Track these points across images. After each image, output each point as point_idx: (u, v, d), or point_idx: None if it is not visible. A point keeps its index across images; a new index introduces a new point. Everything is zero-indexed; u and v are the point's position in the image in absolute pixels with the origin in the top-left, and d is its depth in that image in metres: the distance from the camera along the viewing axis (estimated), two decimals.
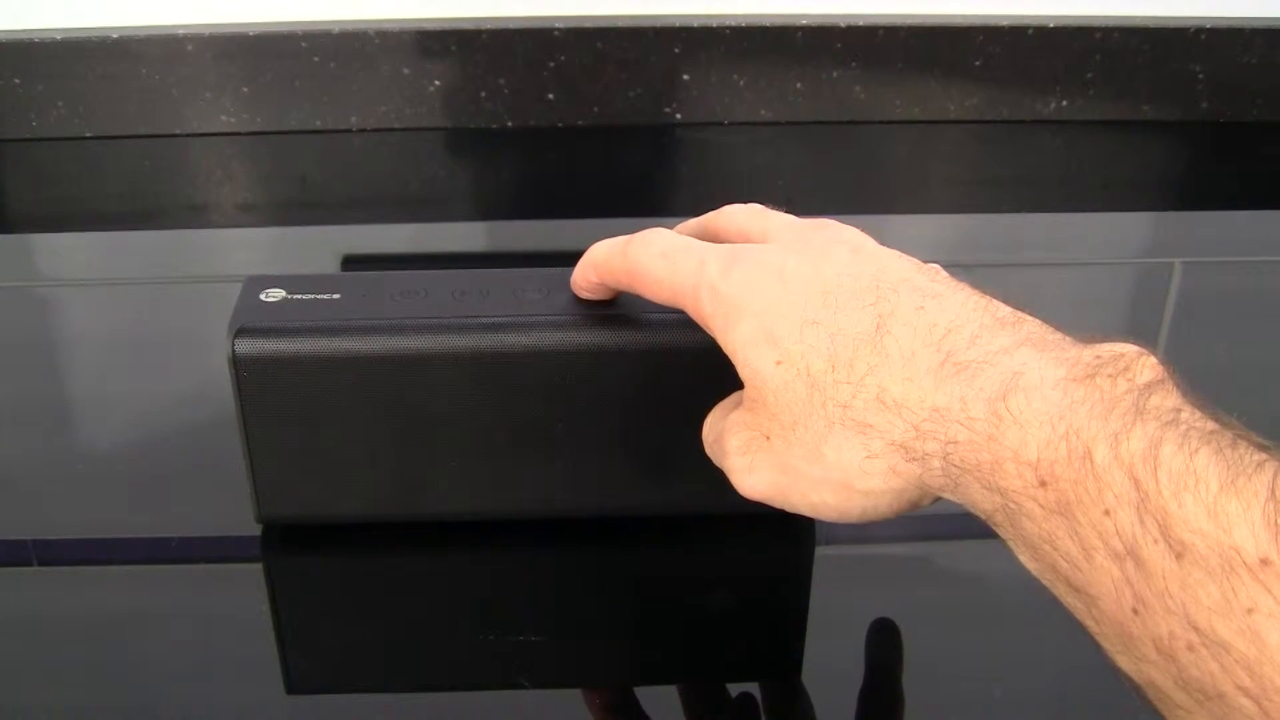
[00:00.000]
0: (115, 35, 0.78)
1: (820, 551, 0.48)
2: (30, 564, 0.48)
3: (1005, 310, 0.35)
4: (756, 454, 0.37)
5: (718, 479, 0.43)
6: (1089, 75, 0.83)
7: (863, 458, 0.34)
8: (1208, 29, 0.82)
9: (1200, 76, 0.84)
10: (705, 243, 0.39)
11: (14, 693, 0.42)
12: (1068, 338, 0.33)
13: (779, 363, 0.35)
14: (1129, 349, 0.32)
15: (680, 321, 0.42)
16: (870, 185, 0.82)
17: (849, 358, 0.34)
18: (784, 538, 0.48)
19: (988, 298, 0.35)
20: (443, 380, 0.43)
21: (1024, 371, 0.32)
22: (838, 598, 0.46)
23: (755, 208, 0.41)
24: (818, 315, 0.35)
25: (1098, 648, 0.31)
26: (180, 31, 0.78)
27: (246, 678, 0.43)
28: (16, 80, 0.79)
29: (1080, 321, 0.35)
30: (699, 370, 0.42)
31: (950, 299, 0.35)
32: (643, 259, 0.39)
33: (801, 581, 0.47)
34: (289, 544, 0.47)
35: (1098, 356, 0.31)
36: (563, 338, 0.42)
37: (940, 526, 0.50)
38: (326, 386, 0.42)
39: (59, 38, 0.78)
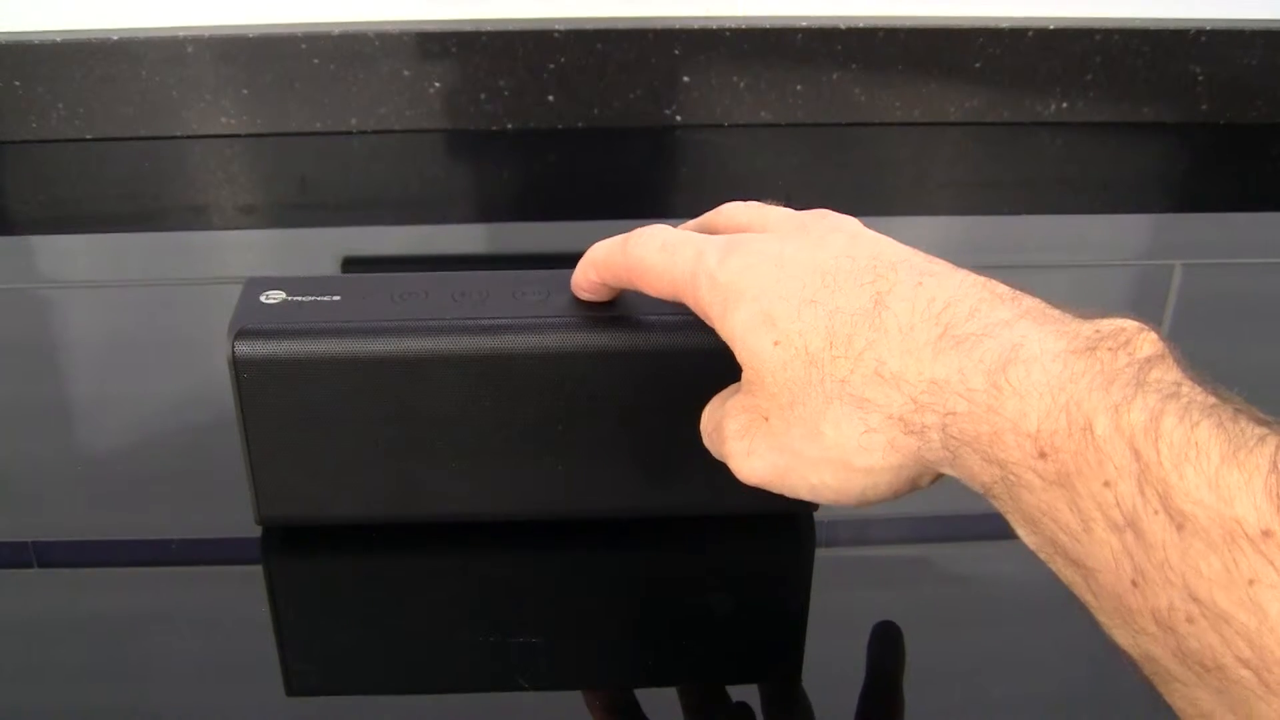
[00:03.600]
0: (115, 37, 0.78)
1: (820, 552, 0.48)
2: (31, 565, 0.48)
3: (1004, 287, 0.35)
4: (755, 437, 0.37)
5: (717, 479, 0.43)
6: (1089, 77, 0.83)
7: (861, 432, 0.34)
8: (1208, 30, 0.82)
9: (1200, 78, 0.84)
10: (704, 235, 0.39)
11: (14, 693, 0.42)
12: (1067, 313, 0.33)
13: (777, 343, 0.35)
14: (1129, 324, 0.32)
15: (679, 323, 0.42)
16: (870, 187, 0.82)
17: (847, 334, 0.34)
18: (784, 538, 0.48)
19: (986, 277, 0.35)
20: (442, 382, 0.43)
21: (1023, 343, 0.32)
22: (838, 598, 0.46)
23: (754, 204, 0.41)
24: (815, 295, 0.35)
25: (1089, 635, 0.31)
26: (180, 33, 0.78)
27: (246, 679, 0.43)
28: (17, 82, 0.79)
29: None
30: (698, 371, 0.42)
31: (949, 277, 0.35)
32: (642, 253, 0.39)
33: (801, 582, 0.47)
34: (289, 545, 0.47)
35: (1098, 330, 0.31)
36: (562, 339, 0.42)
37: (940, 527, 0.50)
38: (327, 388, 0.42)
39: (59, 39, 0.78)
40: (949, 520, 0.49)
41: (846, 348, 0.34)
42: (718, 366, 0.41)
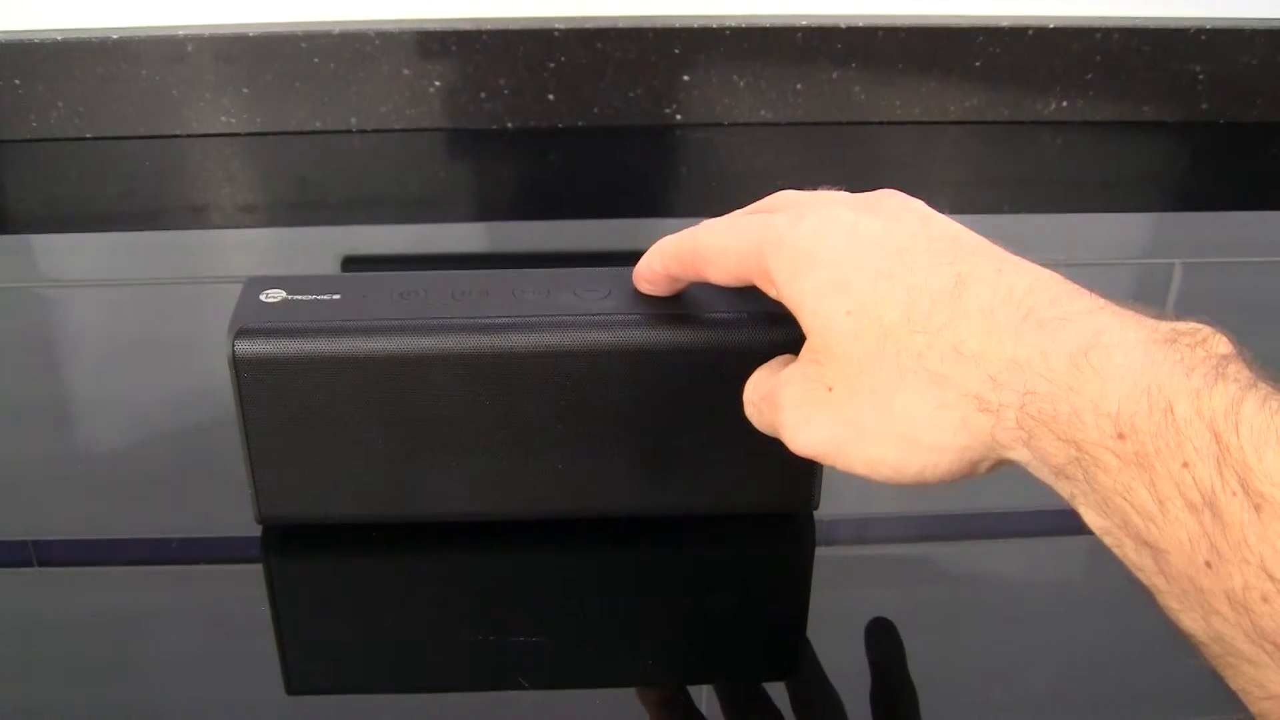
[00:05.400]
0: (115, 36, 0.78)
1: (820, 551, 0.48)
2: (31, 564, 0.48)
3: (1078, 285, 0.35)
4: (815, 406, 0.37)
5: (717, 478, 0.43)
6: (1089, 76, 0.83)
7: (934, 408, 0.34)
8: (1208, 29, 0.82)
9: (1200, 77, 0.84)
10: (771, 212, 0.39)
11: (14, 693, 0.42)
12: (1140, 312, 0.34)
13: (849, 313, 0.35)
14: (1204, 326, 0.32)
15: (680, 322, 0.42)
16: (870, 186, 0.82)
17: (926, 310, 0.34)
18: (784, 537, 0.48)
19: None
20: (442, 381, 0.43)
21: (1105, 330, 0.32)
22: (838, 598, 0.46)
23: (815, 191, 0.42)
24: (893, 270, 0.35)
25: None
26: (180, 32, 0.78)
27: (246, 678, 0.43)
28: (17, 81, 0.79)
29: None
30: (699, 369, 0.42)
31: (1026, 267, 0.35)
32: (710, 238, 0.39)
33: (801, 580, 0.47)
34: (289, 544, 0.47)
35: (1175, 328, 0.32)
36: (562, 338, 0.42)
37: (940, 526, 0.50)
38: (326, 387, 0.42)
39: (59, 38, 0.78)
40: (949, 519, 0.49)
41: (925, 323, 0.34)
42: (717, 365, 0.41)
